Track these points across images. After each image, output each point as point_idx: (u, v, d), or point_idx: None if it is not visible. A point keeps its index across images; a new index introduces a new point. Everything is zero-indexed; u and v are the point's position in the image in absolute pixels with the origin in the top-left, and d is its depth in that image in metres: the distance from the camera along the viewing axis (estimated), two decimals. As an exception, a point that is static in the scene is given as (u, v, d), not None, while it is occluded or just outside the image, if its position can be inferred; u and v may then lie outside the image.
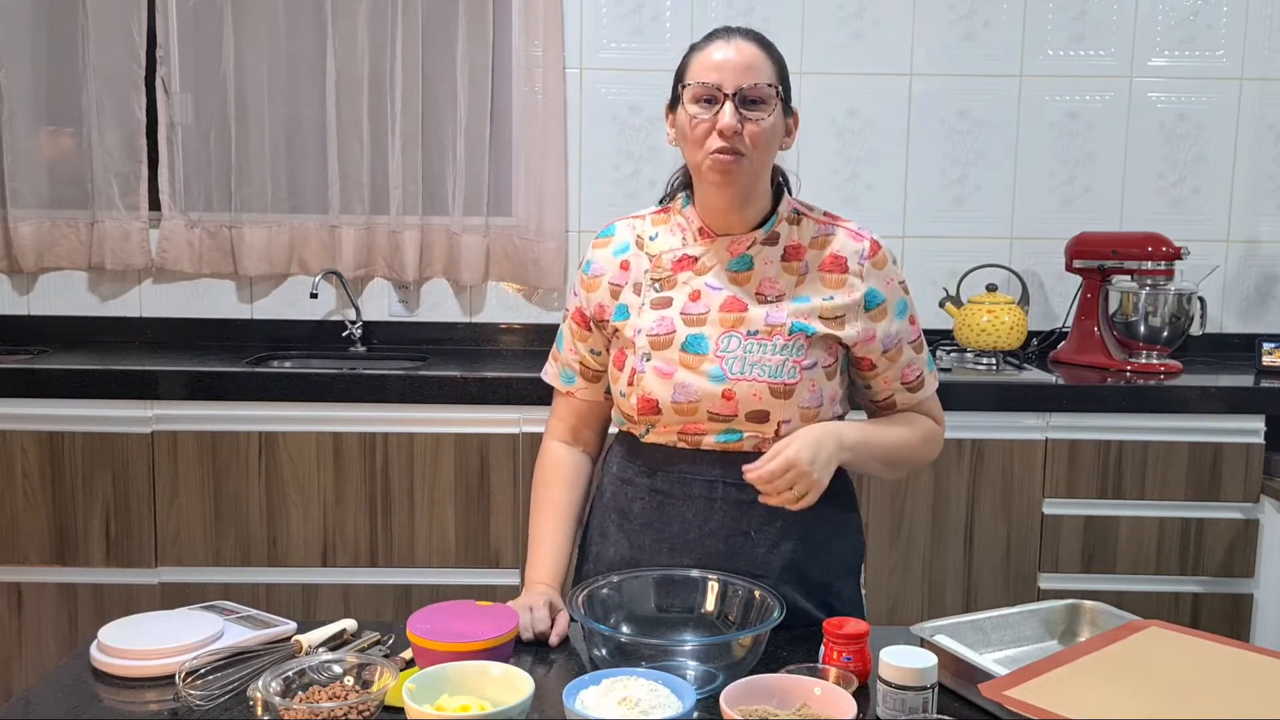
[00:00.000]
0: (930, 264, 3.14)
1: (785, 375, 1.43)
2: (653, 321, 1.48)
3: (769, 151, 1.45)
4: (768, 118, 1.42)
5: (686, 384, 1.44)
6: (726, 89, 1.41)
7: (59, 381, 2.57)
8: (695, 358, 1.45)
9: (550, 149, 3.02)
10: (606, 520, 1.57)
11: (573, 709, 1.11)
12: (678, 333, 1.46)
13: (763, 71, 1.44)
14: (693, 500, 1.48)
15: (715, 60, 1.43)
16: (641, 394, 1.46)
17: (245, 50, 2.99)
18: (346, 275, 3.07)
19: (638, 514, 1.52)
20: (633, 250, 1.54)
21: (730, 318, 1.45)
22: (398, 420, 2.57)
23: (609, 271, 1.54)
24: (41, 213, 3.04)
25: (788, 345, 1.44)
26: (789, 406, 1.44)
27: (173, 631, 1.33)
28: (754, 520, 1.47)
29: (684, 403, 1.44)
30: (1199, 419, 2.57)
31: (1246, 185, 3.14)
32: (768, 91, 1.43)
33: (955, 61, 3.09)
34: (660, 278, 1.50)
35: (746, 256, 1.49)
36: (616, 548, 1.54)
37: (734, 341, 1.44)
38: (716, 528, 1.47)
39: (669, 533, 1.49)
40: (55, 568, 2.59)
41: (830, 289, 1.47)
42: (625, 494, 1.54)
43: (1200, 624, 2.58)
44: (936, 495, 2.59)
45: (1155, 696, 1.13)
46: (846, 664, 1.26)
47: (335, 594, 2.61)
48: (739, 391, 1.43)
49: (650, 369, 1.46)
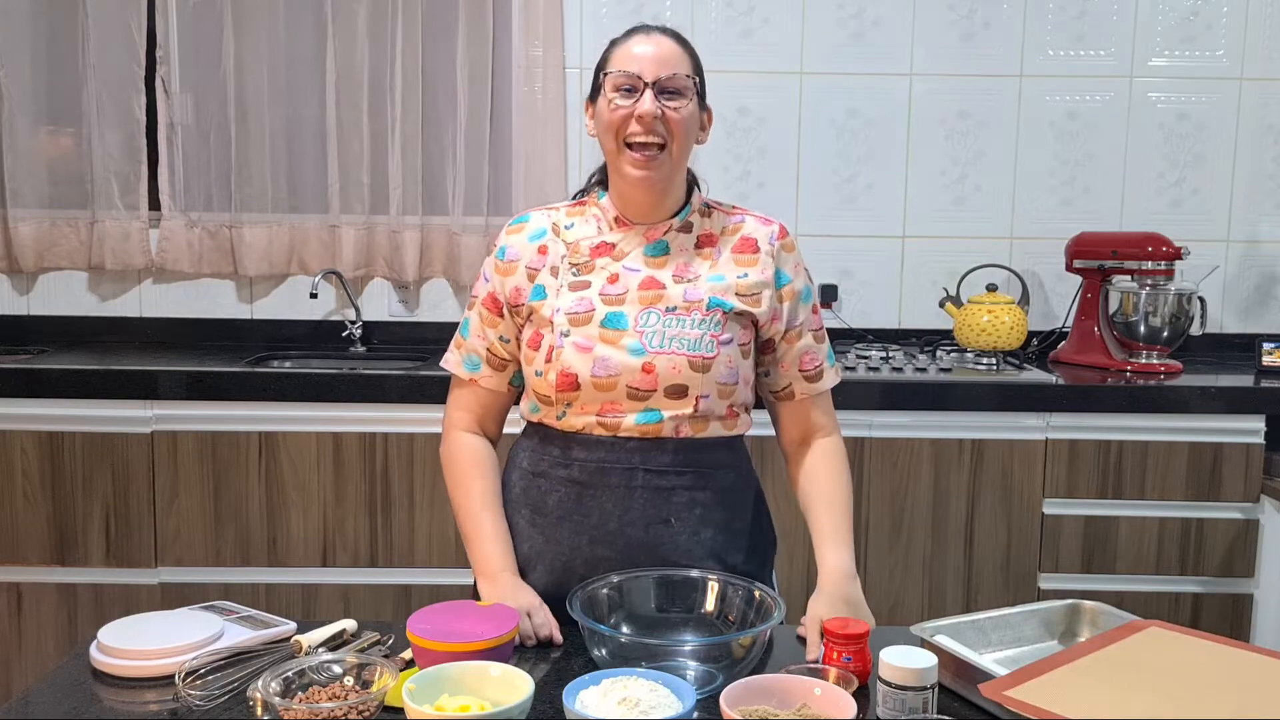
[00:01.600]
0: (930, 264, 3.14)
1: (704, 349, 1.46)
2: (571, 301, 1.49)
3: (688, 140, 1.50)
4: (686, 106, 1.48)
5: (606, 358, 1.46)
6: (646, 78, 1.46)
7: (59, 381, 2.57)
8: (615, 333, 1.47)
9: (550, 149, 3.02)
10: (515, 516, 1.55)
11: (573, 709, 1.11)
12: (597, 311, 1.48)
13: (680, 64, 1.48)
14: (611, 490, 1.48)
15: (635, 53, 1.48)
16: (561, 369, 1.47)
17: (245, 50, 2.99)
18: (346, 275, 3.07)
19: (553, 507, 1.51)
20: (549, 236, 1.56)
21: (649, 295, 1.49)
22: (398, 420, 2.57)
23: (525, 256, 1.55)
24: (41, 213, 3.04)
25: (705, 320, 1.47)
26: (707, 381, 1.47)
27: (173, 632, 1.33)
28: (674, 508, 1.49)
29: (603, 377, 1.46)
30: (1199, 419, 2.57)
31: (1246, 185, 3.14)
32: (685, 82, 1.48)
33: (955, 61, 3.09)
34: (578, 263, 1.53)
35: (662, 242, 1.53)
36: (530, 543, 1.53)
37: (653, 317, 1.48)
38: (637, 517, 1.48)
39: (588, 524, 1.49)
40: (55, 568, 2.59)
41: (743, 266, 1.53)
42: (538, 487, 1.53)
43: (1200, 624, 2.58)
44: (936, 495, 2.59)
45: (1155, 696, 1.13)
46: (846, 664, 1.26)
47: (335, 594, 2.61)
48: (658, 365, 1.45)
49: (569, 344, 1.47)
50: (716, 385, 1.48)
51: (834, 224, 3.13)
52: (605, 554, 1.47)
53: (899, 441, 2.58)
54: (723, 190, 3.01)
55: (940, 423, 2.58)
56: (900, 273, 3.16)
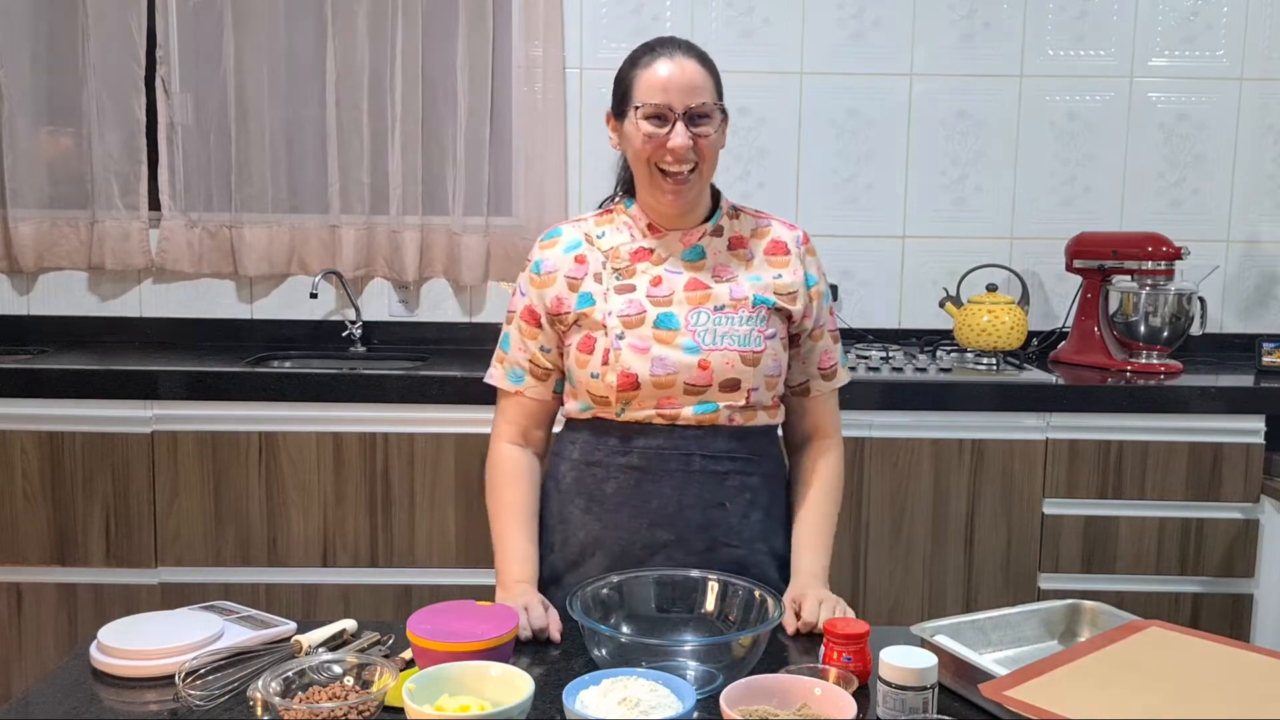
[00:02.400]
0: (930, 264, 3.14)
1: (753, 344, 1.54)
2: (621, 304, 1.54)
3: (716, 157, 1.57)
4: (713, 132, 1.53)
5: (664, 357, 1.51)
6: (676, 109, 1.50)
7: (59, 381, 2.57)
8: (668, 333, 1.53)
9: (550, 149, 3.02)
10: (568, 507, 1.60)
11: (573, 709, 1.11)
12: (648, 313, 1.54)
13: (706, 89, 1.53)
14: (670, 475, 1.54)
15: (662, 79, 1.51)
16: (621, 370, 1.51)
17: (245, 50, 2.99)
18: (346, 275, 3.07)
19: (610, 494, 1.56)
20: (584, 245, 1.60)
21: (696, 295, 1.55)
22: (398, 420, 2.57)
23: (563, 267, 1.59)
24: (41, 213, 3.04)
25: (752, 316, 1.55)
26: (757, 374, 1.54)
27: (173, 631, 1.33)
28: (727, 491, 1.56)
29: (662, 375, 1.52)
30: (1199, 419, 2.57)
31: (1246, 185, 3.14)
32: (713, 110, 1.53)
33: (955, 61, 3.09)
34: (620, 267, 1.57)
35: (698, 246, 1.59)
36: (586, 531, 1.58)
37: (703, 316, 1.54)
38: (694, 500, 1.54)
39: (647, 509, 1.54)
40: (55, 568, 2.59)
41: (777, 268, 1.60)
42: (593, 476, 1.57)
43: (1200, 624, 2.58)
44: (936, 495, 2.59)
45: (1155, 696, 1.13)
46: (846, 664, 1.26)
47: (335, 594, 2.61)
48: (713, 361, 1.52)
49: (626, 346, 1.52)
50: (764, 378, 1.55)
51: (834, 224, 3.13)
52: (664, 537, 1.54)
53: (899, 441, 2.58)
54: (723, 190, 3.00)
55: (940, 423, 2.58)
56: (900, 273, 3.16)
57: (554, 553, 1.61)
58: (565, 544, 1.60)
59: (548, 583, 1.59)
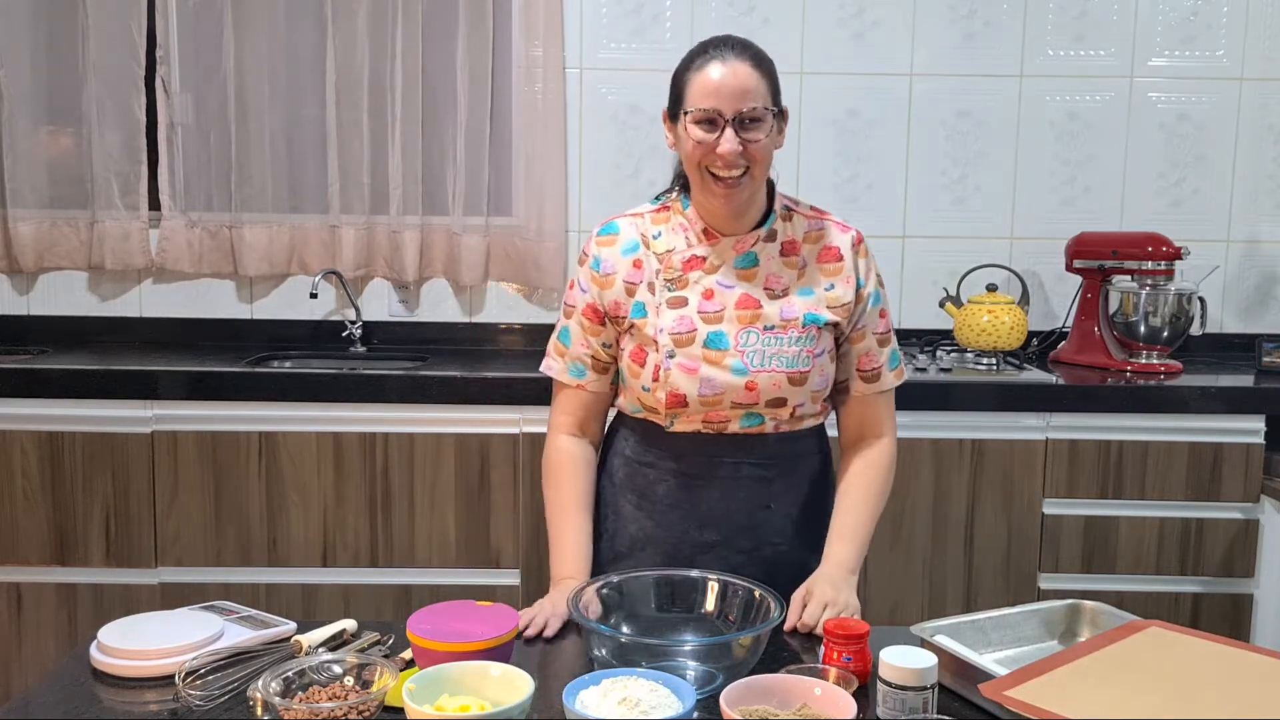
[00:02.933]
0: (930, 264, 3.14)
1: (800, 365, 1.56)
2: (672, 320, 1.56)
3: (768, 163, 1.56)
4: (765, 136, 1.52)
5: (712, 378, 1.54)
6: (726, 114, 1.49)
7: (59, 381, 2.57)
8: (718, 353, 1.55)
9: (550, 149, 3.02)
10: (620, 500, 1.65)
11: (573, 709, 1.11)
12: (698, 331, 1.55)
13: (758, 93, 1.50)
14: (718, 480, 1.59)
15: (714, 83, 1.49)
16: (670, 390, 1.55)
17: (245, 50, 2.99)
18: (346, 275, 3.07)
19: (661, 495, 1.61)
20: (641, 249, 1.61)
21: (747, 314, 1.56)
22: (398, 420, 2.57)
23: (622, 269, 1.60)
24: (41, 213, 3.04)
25: (802, 337, 1.56)
26: (803, 392, 1.57)
27: (173, 632, 1.34)
28: (773, 494, 1.61)
29: (710, 395, 1.55)
30: (1199, 419, 2.57)
31: (1246, 185, 3.14)
32: (764, 114, 1.51)
33: (955, 61, 3.09)
34: (672, 278, 1.58)
35: (751, 254, 1.59)
36: (638, 526, 1.63)
37: (753, 336, 1.55)
38: (741, 504, 1.60)
39: (696, 512, 1.60)
40: (55, 568, 2.59)
41: (829, 278, 1.60)
42: (645, 475, 1.62)
43: (1200, 624, 2.58)
44: (936, 495, 2.59)
45: (1155, 696, 1.13)
46: (846, 664, 1.26)
47: (335, 594, 2.61)
48: (760, 382, 1.55)
49: (675, 365, 1.55)
50: (810, 394, 1.59)
51: (834, 224, 3.12)
52: (712, 538, 1.60)
53: (899, 441, 2.56)
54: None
55: (940, 423, 2.58)
56: (900, 273, 3.16)
57: (604, 540, 1.66)
58: (616, 535, 1.65)
59: (601, 567, 1.63)
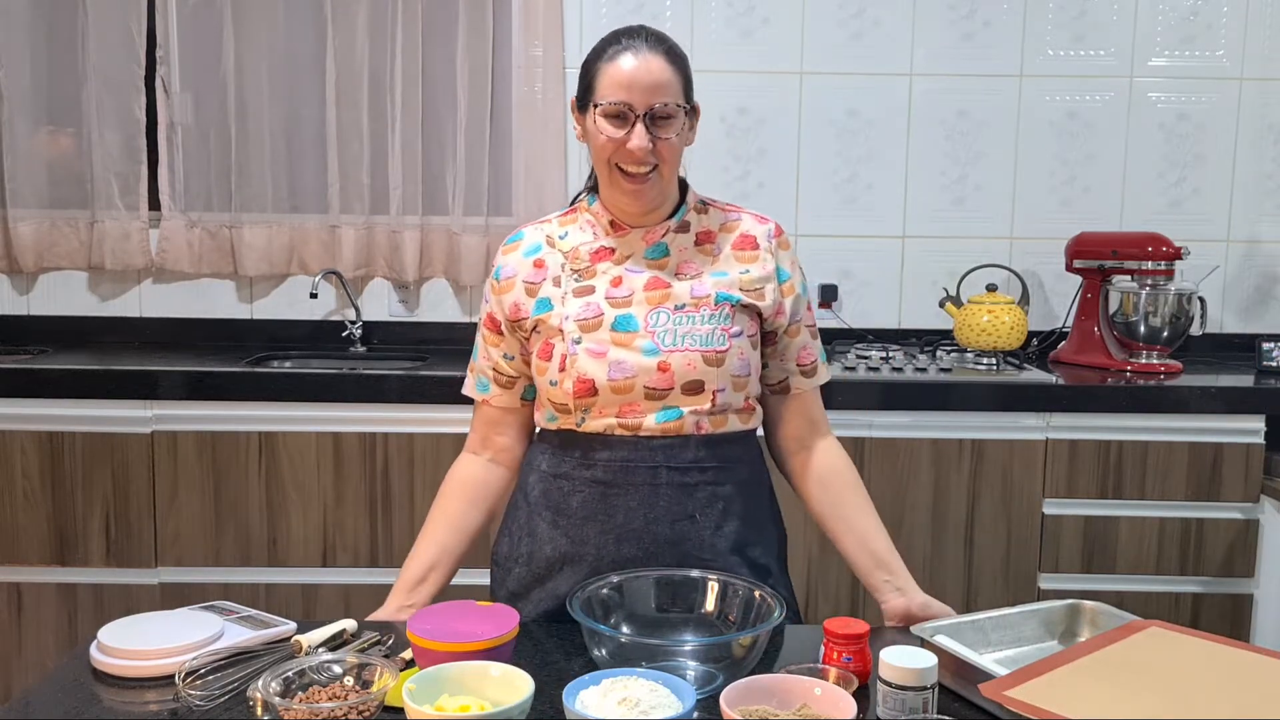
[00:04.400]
0: (930, 264, 3.14)
1: (716, 343, 1.47)
2: (578, 307, 1.49)
3: (678, 160, 1.50)
4: (676, 134, 1.47)
5: (621, 361, 1.46)
6: (637, 109, 1.44)
7: (59, 381, 2.57)
8: (627, 335, 1.47)
9: (550, 149, 3.02)
10: (536, 519, 1.55)
11: (573, 709, 1.11)
12: (605, 315, 1.48)
13: (671, 88, 1.45)
14: (636, 488, 1.48)
15: (625, 75, 1.44)
16: (576, 376, 1.46)
17: (245, 50, 2.99)
18: (346, 275, 3.07)
19: (576, 508, 1.50)
20: (544, 249, 1.56)
21: (656, 295, 1.49)
22: (398, 420, 2.57)
23: (521, 271, 1.55)
24: (41, 213, 3.04)
25: (715, 314, 1.49)
26: (722, 374, 1.48)
27: (173, 631, 1.33)
28: (697, 503, 1.50)
29: (620, 380, 1.46)
30: (1199, 419, 2.57)
31: (1246, 185, 3.14)
32: (675, 110, 1.46)
33: (955, 61, 3.09)
34: (579, 268, 1.53)
35: (661, 244, 1.53)
36: (553, 545, 1.52)
37: (663, 316, 1.48)
38: (662, 514, 1.48)
39: (613, 523, 1.48)
40: (55, 568, 2.59)
41: (744, 263, 1.54)
42: (560, 489, 1.52)
43: (1200, 624, 2.58)
44: (936, 495, 2.59)
45: (1155, 696, 1.13)
46: (846, 664, 1.26)
47: (335, 594, 2.61)
48: (674, 363, 1.46)
49: (582, 350, 1.47)
50: (731, 378, 1.49)
51: (834, 224, 3.13)
52: (632, 553, 1.48)
53: (899, 441, 2.58)
54: (722, 190, 3.01)
55: (940, 423, 2.58)
56: (900, 273, 3.16)
57: (521, 566, 1.56)
58: (532, 558, 1.54)
59: (516, 596, 1.55)
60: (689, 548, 1.48)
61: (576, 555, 1.50)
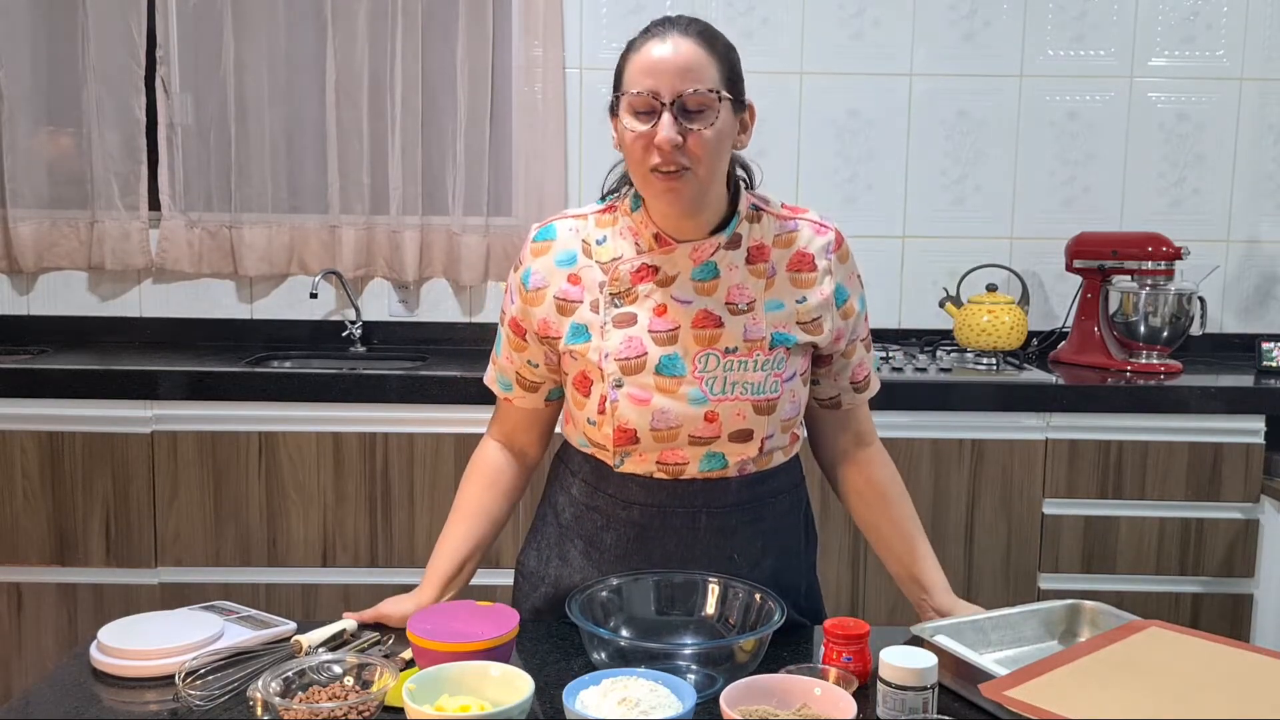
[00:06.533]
0: (930, 264, 3.14)
1: (768, 391, 1.37)
2: (619, 343, 1.36)
3: (717, 159, 1.32)
4: (711, 126, 1.29)
5: (665, 410, 1.35)
6: (664, 96, 1.28)
7: (59, 381, 2.57)
8: (672, 380, 1.35)
9: (550, 149, 3.02)
10: (567, 545, 1.48)
11: (573, 709, 1.11)
12: (649, 354, 1.35)
13: (704, 74, 1.29)
14: (674, 531, 1.41)
15: (651, 60, 1.29)
16: (617, 424, 1.36)
17: (245, 50, 2.99)
18: (346, 275, 3.07)
19: (610, 545, 1.44)
20: (581, 261, 1.40)
21: (705, 335, 1.36)
22: (398, 420, 2.57)
23: (554, 284, 1.40)
24: (41, 213, 3.04)
25: (769, 360, 1.37)
26: (772, 421, 1.39)
27: (173, 632, 1.33)
28: (736, 544, 1.43)
29: (663, 429, 1.36)
30: (1199, 419, 2.57)
31: (1246, 185, 3.14)
32: (710, 98, 1.29)
33: (955, 61, 3.09)
34: (619, 291, 1.38)
35: (711, 264, 1.38)
36: (584, 576, 1.44)
37: (712, 360, 1.36)
38: (699, 555, 1.42)
39: (649, 563, 1.42)
40: (55, 568, 2.59)
41: (801, 289, 1.41)
42: (593, 521, 1.45)
43: (1200, 624, 2.58)
44: (936, 495, 2.59)
45: (1155, 696, 1.13)
46: (846, 664, 1.26)
47: (335, 594, 2.61)
48: (722, 413, 1.36)
49: (624, 396, 1.35)
50: (780, 423, 1.40)
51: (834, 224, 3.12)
52: None
53: (899, 441, 2.57)
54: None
55: (940, 423, 2.58)
56: (900, 273, 3.16)
57: (548, 586, 1.49)
58: (560, 582, 1.47)
59: (540, 613, 1.50)
60: None
61: None
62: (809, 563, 1.59)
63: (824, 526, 2.20)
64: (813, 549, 1.61)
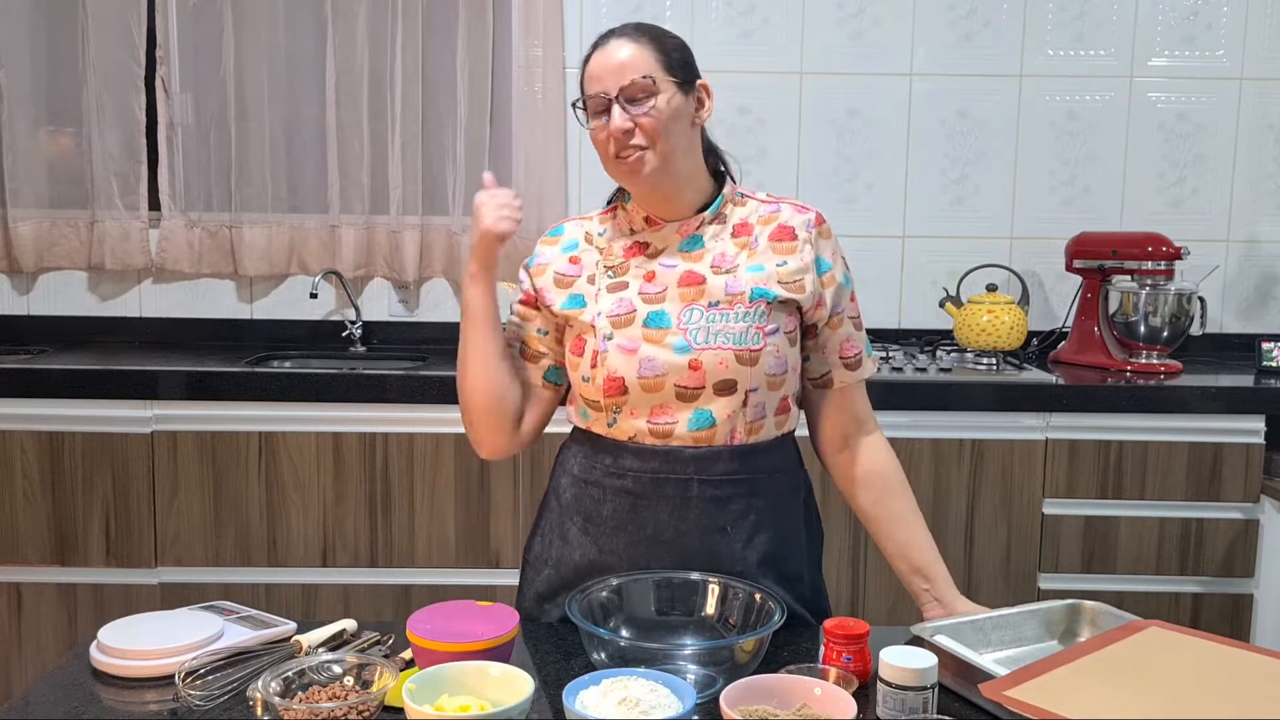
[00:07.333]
0: (930, 264, 3.14)
1: (749, 341, 1.44)
2: (611, 303, 1.48)
3: (673, 134, 1.45)
4: (655, 106, 1.44)
5: (652, 357, 1.44)
6: (610, 93, 1.45)
7: (59, 381, 2.57)
8: (658, 331, 1.45)
9: (550, 149, 3.02)
10: (567, 523, 1.54)
11: (573, 709, 1.11)
12: (638, 311, 1.47)
13: (641, 65, 1.44)
14: (667, 500, 1.46)
15: (596, 66, 1.47)
16: (607, 373, 1.45)
17: (245, 50, 2.99)
18: (346, 275, 3.07)
19: (607, 517, 1.49)
20: (582, 246, 1.56)
21: (690, 291, 1.47)
22: (398, 420, 2.57)
23: (555, 262, 1.56)
24: (41, 213, 3.04)
25: (750, 312, 1.45)
26: (755, 373, 1.44)
27: (172, 631, 1.33)
28: (730, 516, 1.47)
29: (650, 377, 1.44)
30: (1199, 419, 2.57)
31: (1246, 185, 3.14)
32: (647, 84, 1.44)
33: (955, 61, 3.09)
34: (613, 264, 1.52)
35: (697, 236, 1.51)
36: (583, 552, 1.51)
37: (696, 313, 1.45)
38: (692, 526, 1.46)
39: (643, 535, 1.47)
40: (55, 568, 2.59)
41: (782, 255, 1.49)
42: (591, 496, 1.51)
43: (1200, 624, 2.58)
44: (936, 495, 2.59)
45: (1155, 696, 1.13)
46: (846, 664, 1.26)
47: (335, 594, 2.61)
48: (705, 361, 1.43)
49: (613, 347, 1.45)
50: (765, 377, 1.45)
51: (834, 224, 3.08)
52: (661, 563, 1.46)
53: (899, 441, 2.55)
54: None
55: (940, 423, 2.58)
56: (900, 273, 3.16)
57: (550, 569, 1.54)
58: (561, 562, 1.53)
59: (543, 598, 1.54)
60: (720, 561, 1.46)
61: (605, 564, 1.48)
62: (814, 557, 1.60)
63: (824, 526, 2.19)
64: (817, 544, 1.62)
